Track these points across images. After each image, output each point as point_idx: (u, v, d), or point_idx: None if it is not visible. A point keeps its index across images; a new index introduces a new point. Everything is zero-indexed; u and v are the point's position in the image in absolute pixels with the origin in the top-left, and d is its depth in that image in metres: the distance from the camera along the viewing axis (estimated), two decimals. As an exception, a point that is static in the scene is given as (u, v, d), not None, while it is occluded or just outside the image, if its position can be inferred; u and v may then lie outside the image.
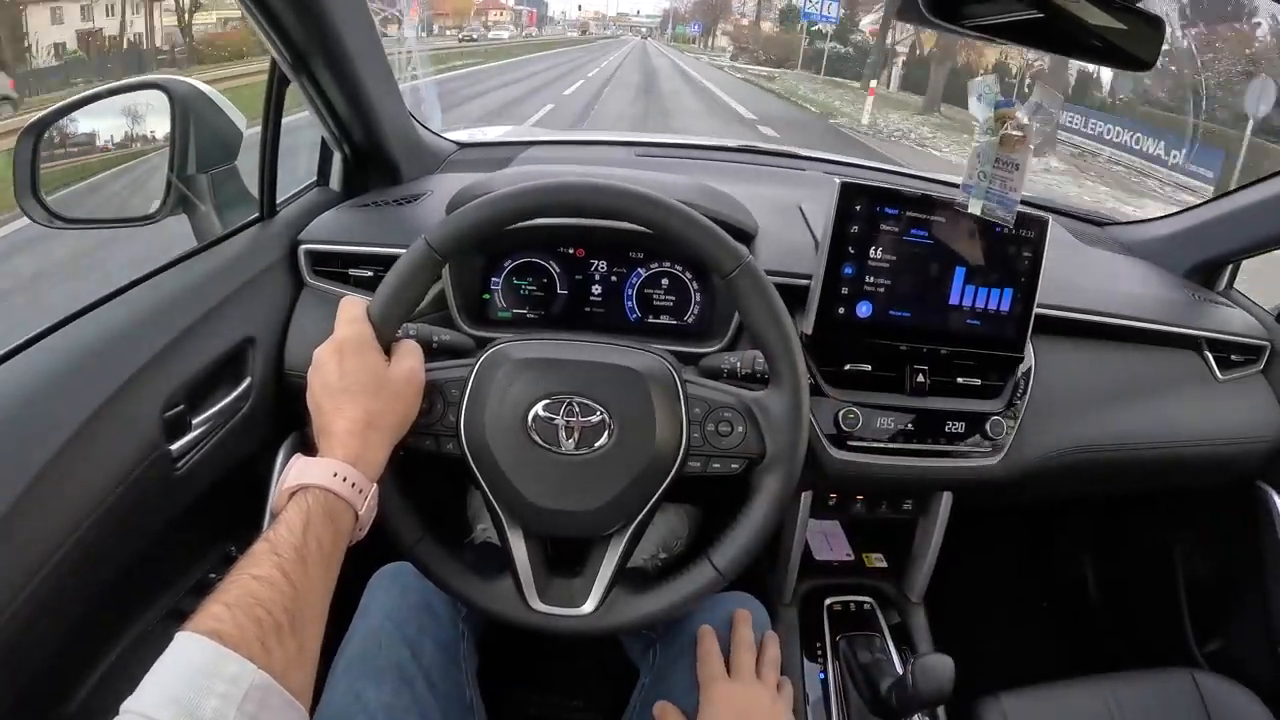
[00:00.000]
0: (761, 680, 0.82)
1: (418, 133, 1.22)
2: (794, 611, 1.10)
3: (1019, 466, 1.00)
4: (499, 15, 75.22)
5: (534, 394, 0.70)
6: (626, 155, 1.39)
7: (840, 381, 0.96)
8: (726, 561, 0.73)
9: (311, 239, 0.98)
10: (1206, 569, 1.35)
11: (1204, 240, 1.27)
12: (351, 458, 0.61)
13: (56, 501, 0.63)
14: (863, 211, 0.91)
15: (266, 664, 0.47)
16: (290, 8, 0.81)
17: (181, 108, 0.98)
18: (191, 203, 1.00)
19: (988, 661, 1.05)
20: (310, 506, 0.57)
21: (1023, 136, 0.83)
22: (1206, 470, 1.16)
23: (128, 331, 0.76)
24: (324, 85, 0.94)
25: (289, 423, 0.96)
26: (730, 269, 0.70)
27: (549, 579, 0.74)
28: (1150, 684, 1.02)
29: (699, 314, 1.02)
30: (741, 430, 0.73)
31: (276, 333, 0.93)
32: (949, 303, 0.94)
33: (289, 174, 1.04)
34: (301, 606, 0.52)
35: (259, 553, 0.53)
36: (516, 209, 0.70)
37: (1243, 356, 1.17)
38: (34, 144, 0.90)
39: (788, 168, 1.41)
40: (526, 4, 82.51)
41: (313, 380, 0.66)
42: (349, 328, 0.67)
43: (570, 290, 1.01)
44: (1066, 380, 1.05)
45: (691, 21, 70.81)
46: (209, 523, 0.94)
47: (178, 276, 0.87)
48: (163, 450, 0.76)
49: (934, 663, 0.83)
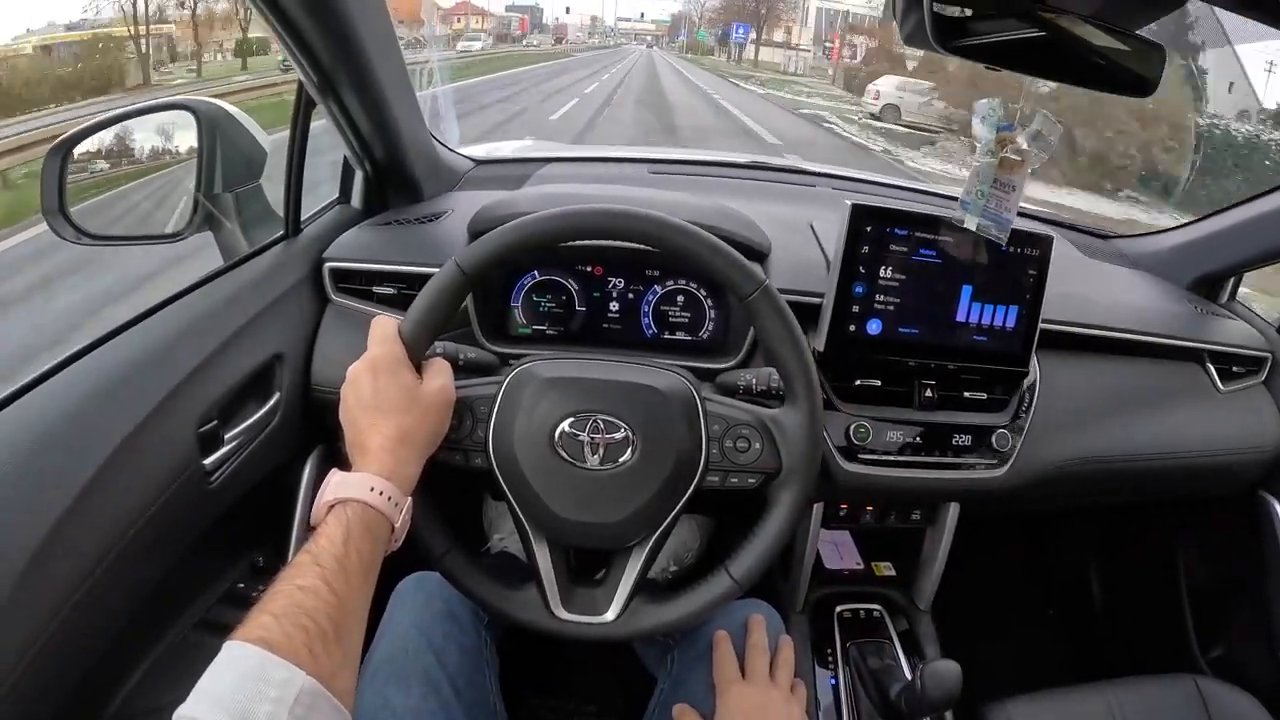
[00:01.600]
0: (775, 682, 0.84)
1: (437, 150, 1.25)
2: (805, 619, 1.12)
3: (1024, 478, 1.02)
4: (479, 23, 64.73)
5: (560, 411, 0.73)
6: (640, 172, 1.42)
7: (851, 396, 0.99)
8: (743, 571, 0.75)
9: (336, 257, 1.00)
10: (1209, 577, 1.36)
11: (1207, 253, 1.29)
12: (386, 472, 0.63)
13: (99, 515, 0.66)
14: (873, 232, 0.93)
15: (314, 670, 0.49)
16: (320, 33, 0.83)
17: (208, 127, 1.00)
18: (217, 220, 1.03)
19: (994, 667, 1.07)
20: (350, 519, 0.60)
21: (1021, 160, 0.86)
22: (1209, 480, 1.18)
23: (163, 350, 0.79)
24: (349, 106, 0.96)
25: (315, 435, 0.98)
26: (749, 292, 0.72)
27: (572, 588, 0.77)
28: (1154, 690, 1.04)
29: (714, 330, 1.04)
30: (759, 446, 0.75)
31: (303, 349, 0.95)
32: (956, 320, 0.97)
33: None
34: (344, 615, 0.54)
35: (303, 564, 0.56)
36: (544, 233, 0.72)
37: (1244, 368, 1.19)
38: (61, 162, 0.92)
39: (798, 184, 1.43)
40: (518, 11, 75.86)
41: (348, 397, 0.68)
42: (382, 347, 0.69)
43: (588, 307, 1.03)
44: (1071, 393, 1.07)
45: (731, 25, 48.30)
46: (236, 533, 0.96)
47: (209, 295, 0.89)
48: (197, 465, 0.78)
49: (942, 669, 0.85)
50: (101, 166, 1.04)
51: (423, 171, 1.15)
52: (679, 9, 78.45)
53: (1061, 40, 0.75)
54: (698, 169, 1.50)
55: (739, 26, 44.65)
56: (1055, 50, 0.75)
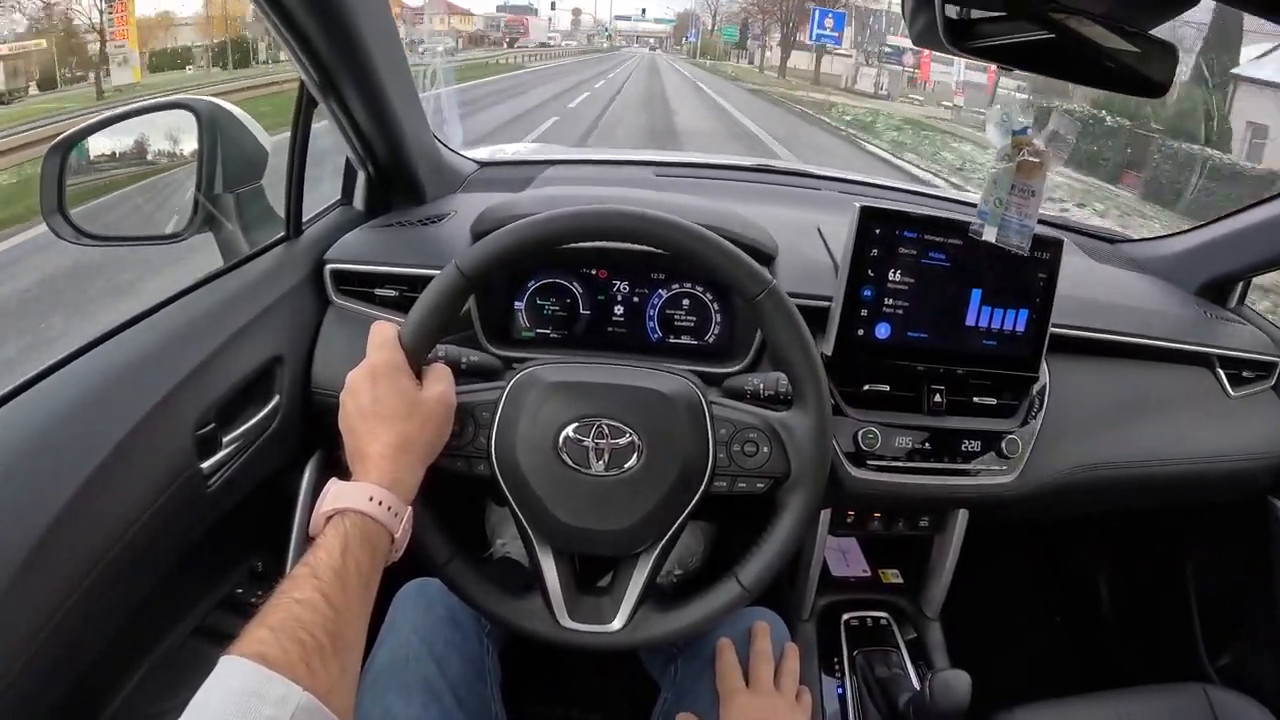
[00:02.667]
0: (780, 691, 0.83)
1: (440, 152, 1.24)
2: (812, 627, 1.11)
3: (1034, 484, 1.01)
4: (462, 23, 55.85)
5: (564, 416, 0.72)
6: (646, 175, 1.41)
7: (859, 401, 0.97)
8: (752, 578, 0.74)
9: (337, 259, 0.99)
10: (1219, 584, 1.35)
11: (1215, 257, 1.28)
12: (386, 481, 0.63)
13: (93, 519, 0.65)
14: (881, 235, 0.92)
15: (311, 685, 0.48)
16: (322, 32, 0.82)
17: (209, 127, 0.99)
18: (218, 221, 1.02)
19: (1002, 676, 1.05)
20: (348, 530, 0.59)
21: (1039, 163, 0.84)
22: (1218, 486, 1.17)
23: (161, 351, 0.78)
24: (351, 106, 0.95)
25: (316, 440, 0.97)
26: (755, 294, 0.71)
27: (578, 596, 0.76)
28: (1162, 699, 1.02)
29: (720, 334, 1.03)
30: (767, 451, 0.74)
31: (303, 351, 0.95)
32: (965, 324, 0.96)
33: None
34: (343, 628, 0.53)
35: (300, 576, 0.55)
36: (546, 235, 0.71)
37: (1254, 373, 1.18)
38: (61, 162, 0.92)
39: (804, 187, 1.43)
40: (509, 10, 67.75)
41: (346, 404, 0.67)
42: (381, 353, 0.68)
43: (593, 310, 1.02)
44: (1080, 398, 1.06)
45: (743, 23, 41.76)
46: (235, 538, 0.95)
47: (208, 296, 0.88)
48: (195, 468, 0.77)
49: (951, 678, 0.84)
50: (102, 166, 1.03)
51: (425, 173, 1.14)
52: (685, 8, 70.91)
53: (1072, 42, 0.74)
54: (703, 172, 1.49)
55: (836, 15, 34.19)
56: (1066, 51, 0.75)
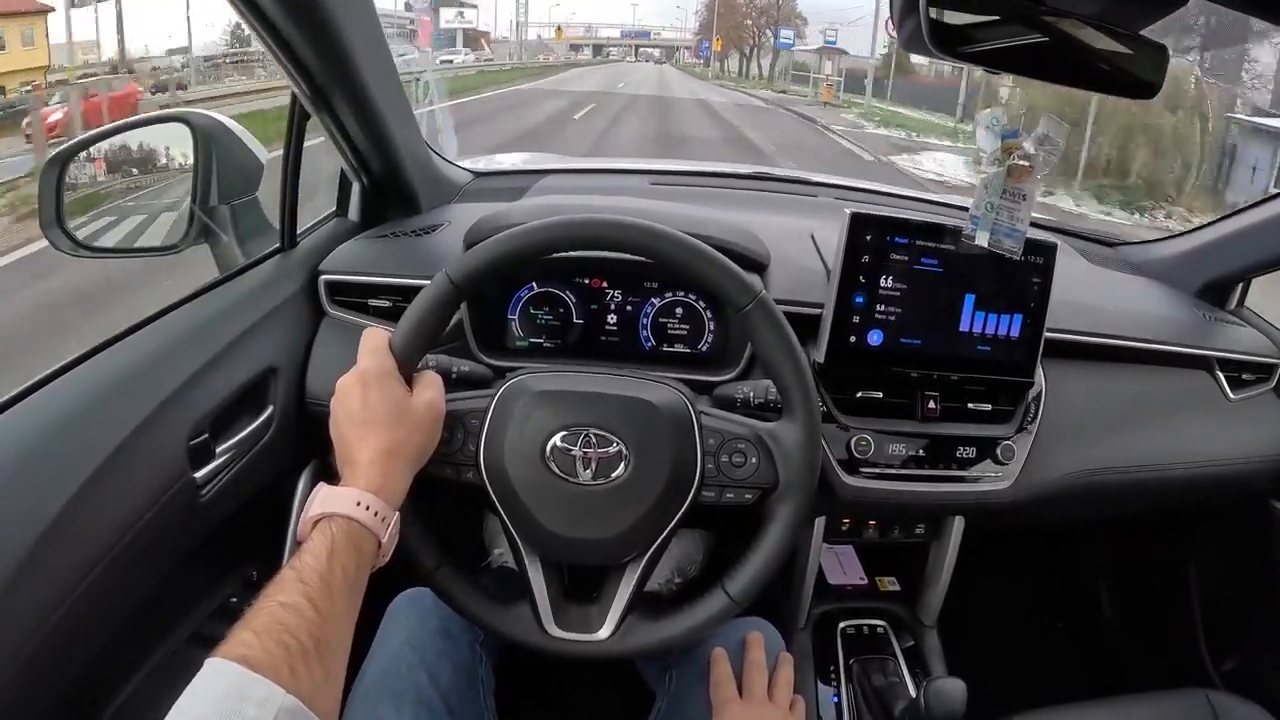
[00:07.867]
0: (773, 701, 0.83)
1: (434, 162, 1.24)
2: (808, 635, 1.10)
3: (1031, 490, 1.00)
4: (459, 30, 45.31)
5: (552, 425, 0.72)
6: (641, 183, 1.41)
7: (852, 409, 0.97)
8: (740, 589, 0.74)
9: (331, 269, 0.99)
10: (1221, 588, 1.34)
11: (1215, 259, 1.27)
12: (374, 486, 0.63)
13: (85, 529, 0.65)
14: (873, 241, 0.92)
15: (295, 688, 0.48)
16: (310, 44, 0.83)
17: (204, 140, 1.00)
18: (213, 233, 1.02)
19: (1003, 683, 1.05)
20: (335, 534, 0.59)
21: (1030, 166, 0.84)
22: (1219, 490, 1.16)
23: (154, 362, 0.78)
24: (343, 118, 0.95)
25: (310, 450, 0.98)
26: (743, 304, 0.71)
27: (566, 605, 0.76)
28: (1165, 704, 1.01)
29: (713, 342, 1.03)
30: (755, 461, 0.74)
31: (298, 362, 0.95)
32: (959, 330, 0.95)
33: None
34: (327, 632, 0.53)
35: (285, 580, 0.55)
36: (535, 244, 0.71)
37: (1254, 375, 1.17)
38: (58, 175, 0.93)
39: (799, 194, 1.42)
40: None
41: (336, 410, 0.68)
42: (371, 359, 0.69)
43: (586, 320, 1.02)
44: (1077, 403, 1.05)
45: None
46: (230, 548, 0.95)
47: (202, 307, 0.89)
48: (188, 479, 0.77)
49: (946, 686, 0.84)
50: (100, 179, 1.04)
51: (420, 184, 1.15)
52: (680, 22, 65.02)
53: (1063, 44, 0.74)
54: (699, 180, 1.49)
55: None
56: (1057, 53, 0.74)
